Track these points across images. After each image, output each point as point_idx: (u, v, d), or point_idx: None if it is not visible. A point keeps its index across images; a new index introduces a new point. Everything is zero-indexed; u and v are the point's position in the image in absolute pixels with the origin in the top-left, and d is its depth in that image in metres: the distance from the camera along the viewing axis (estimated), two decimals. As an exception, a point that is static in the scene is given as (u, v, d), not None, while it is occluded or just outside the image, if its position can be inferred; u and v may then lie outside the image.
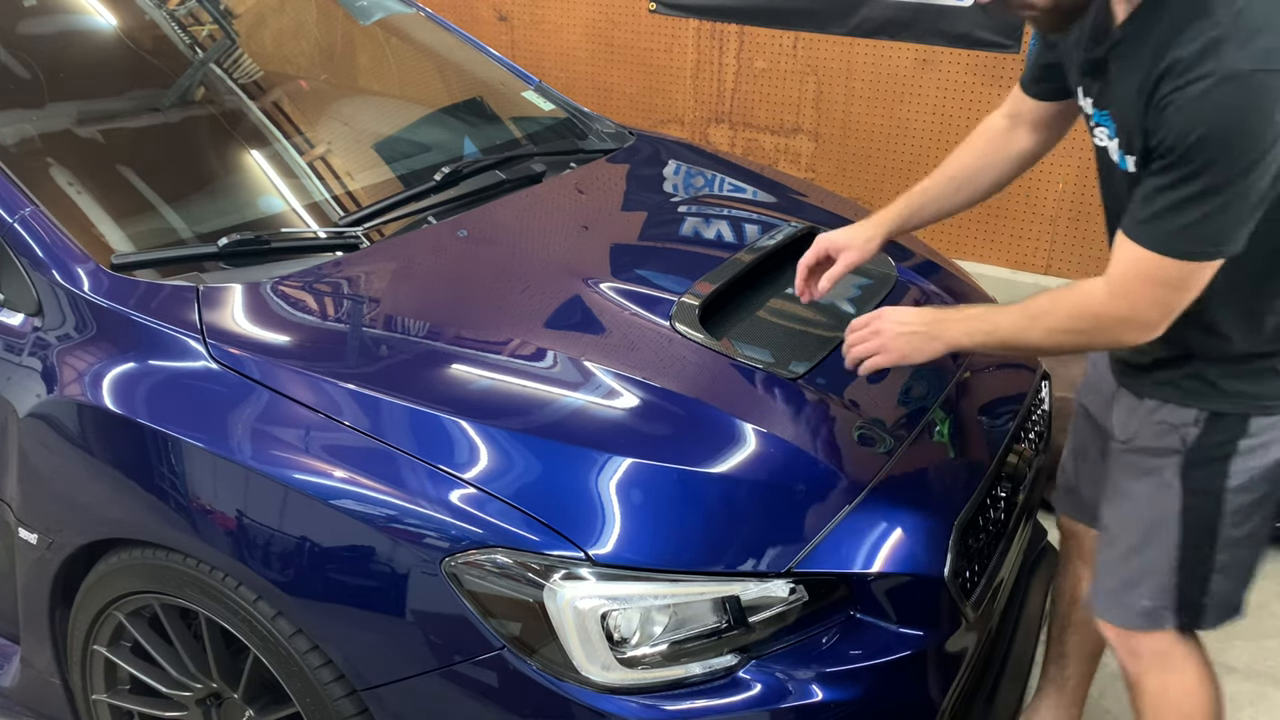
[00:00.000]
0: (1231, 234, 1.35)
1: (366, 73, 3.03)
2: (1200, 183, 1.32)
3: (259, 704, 1.69)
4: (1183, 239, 1.36)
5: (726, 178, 2.60)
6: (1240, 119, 1.28)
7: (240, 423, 1.56)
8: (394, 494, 1.46)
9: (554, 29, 4.59)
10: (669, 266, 2.11)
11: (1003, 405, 2.03)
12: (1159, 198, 1.37)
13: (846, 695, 1.50)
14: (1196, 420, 1.55)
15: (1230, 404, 1.53)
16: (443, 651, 1.45)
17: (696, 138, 4.40)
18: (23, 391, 1.72)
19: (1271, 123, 1.27)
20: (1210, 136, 1.29)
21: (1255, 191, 1.32)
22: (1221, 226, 1.34)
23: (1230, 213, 1.33)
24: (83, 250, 1.77)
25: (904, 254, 2.35)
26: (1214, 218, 1.34)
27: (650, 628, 1.46)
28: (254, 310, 1.74)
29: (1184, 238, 1.36)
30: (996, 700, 1.88)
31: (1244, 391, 1.52)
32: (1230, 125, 1.28)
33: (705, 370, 1.76)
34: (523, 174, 2.34)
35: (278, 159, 2.28)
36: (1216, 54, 1.29)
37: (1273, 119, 1.27)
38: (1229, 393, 1.53)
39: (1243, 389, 1.52)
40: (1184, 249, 1.37)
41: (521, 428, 1.56)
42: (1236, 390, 1.53)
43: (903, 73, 3.89)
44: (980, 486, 1.78)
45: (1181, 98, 1.32)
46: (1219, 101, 1.28)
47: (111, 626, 1.76)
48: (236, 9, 2.80)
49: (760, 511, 1.55)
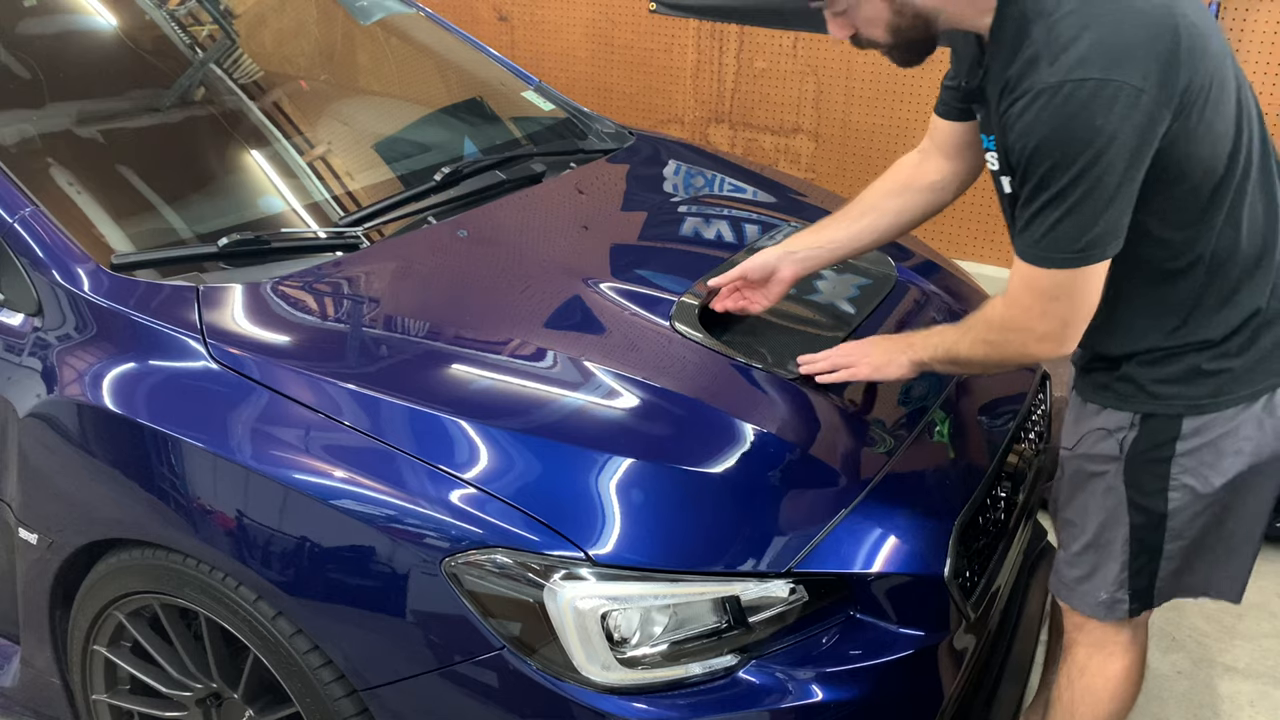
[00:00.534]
0: (1091, 237, 1.38)
1: (366, 73, 3.03)
2: (1046, 193, 1.37)
3: (259, 704, 1.69)
4: (1045, 248, 1.41)
5: (726, 178, 2.60)
6: (1060, 128, 1.33)
7: (240, 423, 1.56)
8: (394, 494, 1.46)
9: (554, 29, 4.59)
10: (669, 266, 2.11)
11: (1003, 405, 2.03)
12: (1022, 212, 1.43)
13: (846, 695, 1.50)
14: (1132, 423, 1.58)
15: (1161, 405, 1.55)
16: (443, 651, 1.45)
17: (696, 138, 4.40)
18: (23, 391, 1.72)
19: (1093, 127, 1.32)
20: (1040, 148, 1.35)
21: (1102, 194, 1.35)
22: (1076, 232, 1.38)
23: (1081, 217, 1.37)
24: (83, 250, 1.77)
25: (904, 254, 2.35)
26: (1066, 224, 1.38)
27: (650, 628, 1.46)
28: (254, 310, 1.74)
29: (1046, 246, 1.41)
30: (996, 700, 1.88)
31: (1173, 393, 1.54)
32: (1052, 135, 1.34)
33: (705, 370, 1.76)
34: (523, 174, 2.34)
35: (278, 159, 2.28)
36: (1034, 71, 1.36)
37: (1093, 123, 1.32)
38: (1158, 395, 1.55)
39: (1171, 390, 1.54)
40: (1049, 257, 1.41)
41: (521, 428, 1.56)
42: (1165, 392, 1.54)
43: (903, 73, 3.89)
44: (980, 486, 1.78)
45: (1011, 115, 1.39)
46: (1038, 115, 1.35)
47: (111, 626, 1.76)
48: (236, 9, 2.80)
49: (760, 511, 1.55)
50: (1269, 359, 1.53)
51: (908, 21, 1.50)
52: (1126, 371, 1.57)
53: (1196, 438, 1.54)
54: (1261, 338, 1.52)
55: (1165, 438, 1.56)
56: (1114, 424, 1.60)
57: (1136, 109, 1.32)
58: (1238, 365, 1.52)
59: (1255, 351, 1.52)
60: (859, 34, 1.56)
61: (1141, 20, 1.34)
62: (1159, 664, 2.54)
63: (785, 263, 1.88)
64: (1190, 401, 1.53)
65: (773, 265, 1.88)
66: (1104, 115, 1.32)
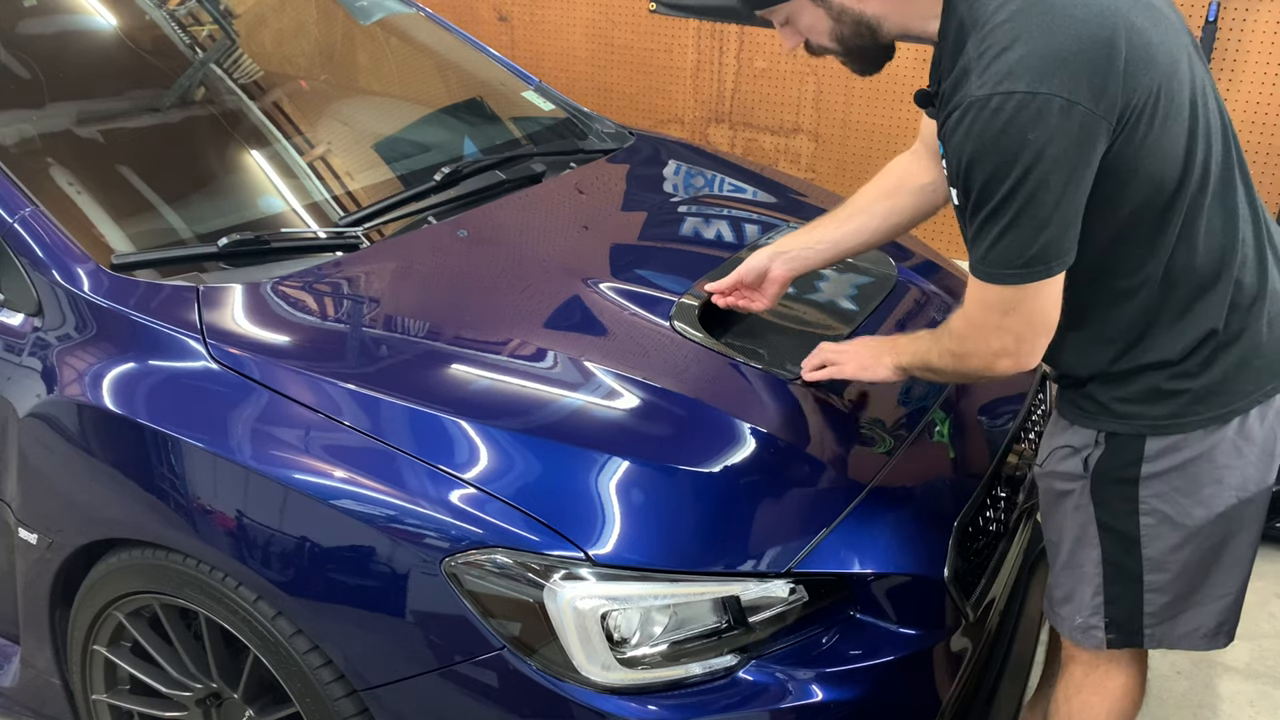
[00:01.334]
0: (1037, 252, 1.34)
1: (366, 73, 3.03)
2: (985, 208, 1.34)
3: (259, 704, 1.69)
4: (990, 264, 1.37)
5: (726, 178, 2.60)
6: (991, 142, 1.29)
7: (240, 423, 1.56)
8: (394, 494, 1.46)
9: (554, 29, 4.59)
10: (669, 266, 2.11)
11: (1003, 405, 2.03)
12: (968, 227, 1.40)
13: (846, 695, 1.50)
14: (1096, 441, 1.54)
15: (1123, 424, 1.51)
16: (443, 651, 1.45)
17: (696, 138, 4.40)
18: (23, 391, 1.72)
19: (1024, 140, 1.28)
20: (973, 162, 1.32)
21: (1040, 210, 1.31)
22: (1019, 248, 1.34)
23: (1021, 232, 1.32)
24: (83, 250, 1.77)
25: (904, 254, 2.35)
26: (1008, 239, 1.33)
27: (650, 628, 1.46)
28: (254, 310, 1.74)
29: (991, 262, 1.37)
30: (996, 700, 1.88)
31: (1134, 411, 1.50)
32: (983, 149, 1.30)
33: (705, 370, 1.76)
34: (523, 174, 2.34)
35: (278, 159, 2.28)
36: (965, 83, 1.32)
37: (1024, 136, 1.27)
38: (1120, 413, 1.51)
39: (1132, 409, 1.50)
40: (995, 274, 1.37)
41: (521, 428, 1.56)
42: (1126, 410, 1.50)
43: (903, 73, 3.89)
44: (980, 487, 1.78)
45: (946, 128, 1.36)
46: (969, 128, 1.31)
47: (111, 626, 1.76)
48: (236, 9, 2.80)
49: (760, 511, 1.55)
50: (1233, 380, 1.47)
51: (849, 29, 1.48)
52: (1090, 389, 1.54)
53: (1163, 460, 1.49)
54: (1220, 359, 1.46)
55: (1130, 457, 1.51)
56: (1079, 441, 1.56)
57: (1069, 121, 1.28)
58: (1197, 386, 1.46)
59: (1215, 372, 1.46)
60: (809, 42, 1.54)
61: (1076, 30, 1.29)
62: (1159, 664, 2.54)
63: (777, 263, 1.87)
64: (1151, 421, 1.49)
65: (764, 266, 1.87)
66: (1034, 129, 1.27)
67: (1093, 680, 1.70)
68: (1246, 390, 1.47)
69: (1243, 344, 1.46)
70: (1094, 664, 1.69)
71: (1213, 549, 1.54)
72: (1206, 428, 1.47)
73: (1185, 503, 1.51)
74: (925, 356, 1.60)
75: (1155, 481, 1.51)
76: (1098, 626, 1.62)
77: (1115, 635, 1.61)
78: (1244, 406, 1.47)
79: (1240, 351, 1.46)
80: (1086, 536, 1.58)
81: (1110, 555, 1.57)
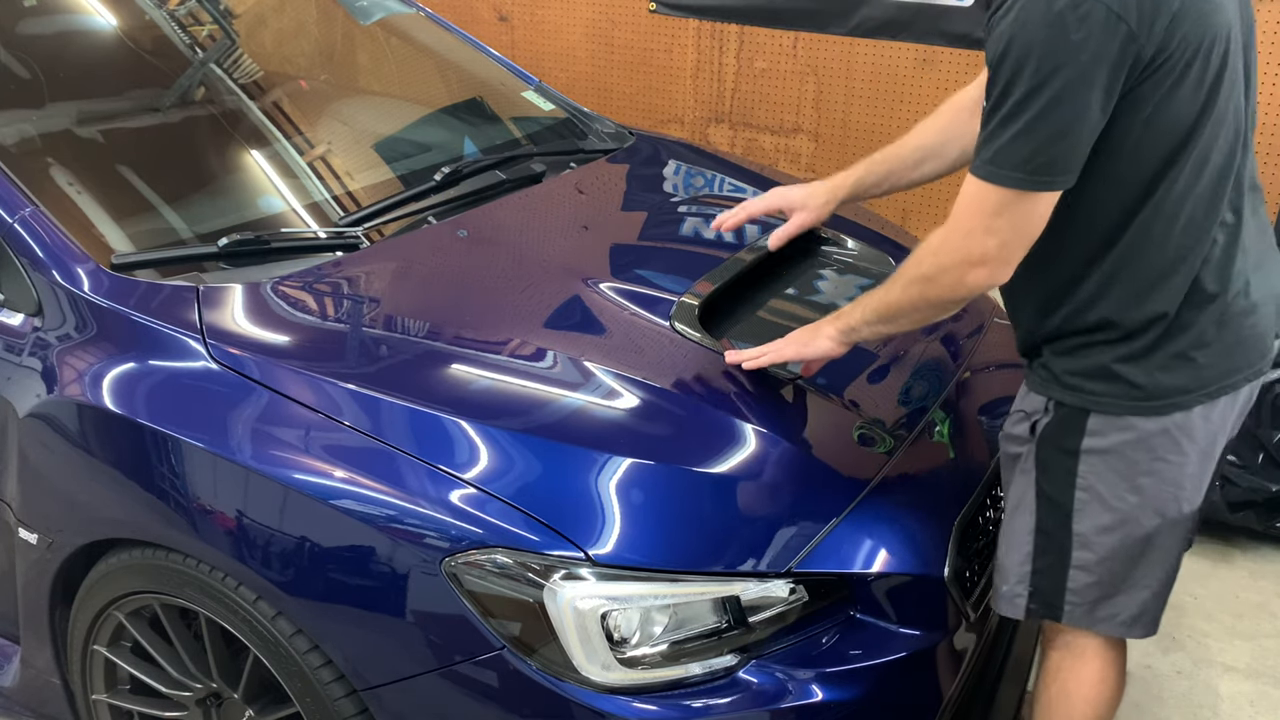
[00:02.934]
0: (1043, 161, 1.37)
1: (366, 73, 3.03)
2: (1007, 103, 1.36)
3: (259, 704, 1.69)
4: (997, 163, 1.39)
5: (726, 178, 2.60)
6: (1033, 34, 1.32)
7: (240, 423, 1.56)
8: (394, 494, 1.46)
9: (554, 29, 4.59)
10: (669, 266, 2.11)
11: (1003, 405, 2.02)
12: (984, 129, 1.42)
13: (846, 695, 1.50)
14: (1045, 408, 1.58)
15: (1070, 396, 1.55)
16: (443, 651, 1.45)
17: (696, 138, 4.40)
18: (23, 391, 1.72)
19: (1065, 40, 1.31)
20: (1009, 54, 1.35)
21: (1059, 115, 1.34)
22: (1031, 150, 1.36)
23: (1036, 136, 1.36)
24: (83, 250, 1.77)
25: (904, 254, 2.34)
26: (1021, 140, 1.36)
27: (650, 628, 1.46)
28: (254, 310, 1.74)
29: (998, 161, 1.39)
30: (996, 700, 1.88)
31: (1081, 386, 1.53)
32: (1024, 39, 1.33)
33: (705, 370, 1.76)
34: (523, 174, 2.34)
35: (278, 159, 2.28)
36: None
37: (1066, 37, 1.30)
38: (1068, 385, 1.55)
39: (1079, 383, 1.53)
40: (1000, 174, 1.39)
41: (521, 428, 1.56)
42: (1074, 383, 1.54)
43: (903, 73, 3.89)
44: (980, 486, 1.78)
45: (994, 22, 1.40)
46: (1016, 17, 1.34)
47: (111, 626, 1.76)
48: (236, 9, 2.80)
49: (760, 511, 1.55)
50: (1176, 371, 1.50)
51: None
52: (1045, 359, 1.58)
53: (1103, 438, 1.53)
54: (1164, 345, 1.49)
55: (1072, 428, 1.55)
56: (1031, 407, 1.62)
57: (1110, 36, 1.30)
58: (1140, 370, 1.49)
59: (1158, 358, 1.49)
60: None
61: None
62: (1159, 664, 2.54)
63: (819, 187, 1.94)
64: (1096, 398, 1.52)
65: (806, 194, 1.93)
66: (1078, 30, 1.30)
67: (1068, 665, 1.72)
68: (1188, 386, 1.50)
69: (1189, 337, 1.49)
70: (1069, 650, 1.71)
71: (1141, 539, 1.57)
72: (1146, 415, 1.50)
73: (1119, 485, 1.54)
74: (883, 303, 1.61)
75: (1093, 458, 1.54)
76: (1021, 595, 1.65)
77: (1036, 606, 1.64)
78: (1186, 402, 1.50)
79: (1185, 344, 1.49)
80: (1025, 502, 1.62)
81: (1043, 524, 1.60)
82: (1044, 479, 1.59)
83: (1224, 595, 2.79)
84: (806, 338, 1.71)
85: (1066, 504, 1.57)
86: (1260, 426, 2.78)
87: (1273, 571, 2.88)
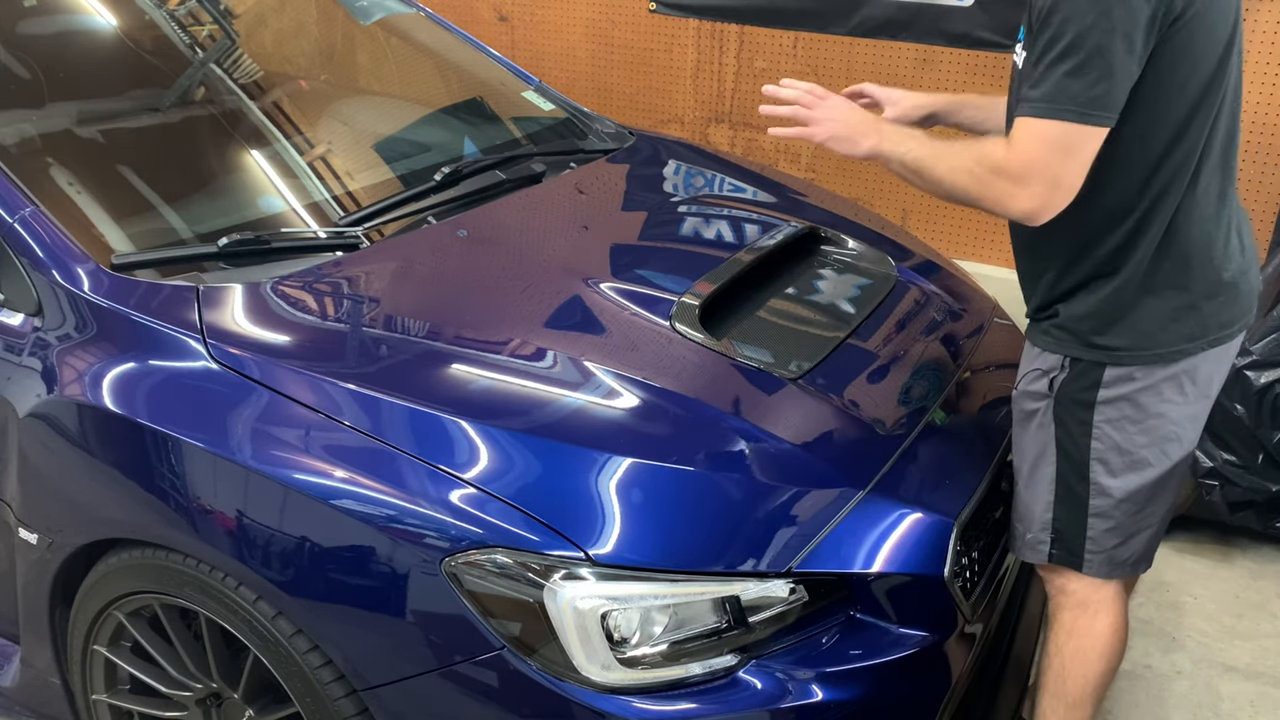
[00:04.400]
0: (1095, 94, 1.48)
1: (366, 73, 3.04)
2: (1061, 43, 1.48)
3: (259, 704, 1.69)
4: (1054, 98, 1.49)
5: (726, 178, 2.60)
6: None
7: (240, 423, 1.56)
8: (394, 494, 1.46)
9: (554, 29, 4.59)
10: (669, 266, 2.11)
11: (1003, 405, 2.03)
12: (1035, 69, 1.53)
13: (846, 695, 1.50)
14: (1062, 365, 1.69)
15: (1087, 352, 1.66)
16: (443, 651, 1.45)
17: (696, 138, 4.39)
18: (23, 391, 1.72)
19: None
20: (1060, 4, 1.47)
21: (1108, 54, 1.46)
22: (1083, 86, 1.48)
23: (1090, 72, 1.47)
24: (83, 250, 1.77)
25: (904, 254, 2.35)
26: (1075, 78, 1.48)
27: (650, 628, 1.46)
28: (254, 310, 1.74)
29: (1054, 97, 1.49)
30: (996, 700, 1.88)
31: (1098, 343, 1.65)
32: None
33: (705, 370, 1.76)
34: (523, 174, 2.34)
35: (278, 159, 2.28)
36: None
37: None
38: (1085, 341, 1.66)
39: (1097, 340, 1.65)
40: (1058, 109, 1.49)
41: (521, 428, 1.56)
42: (1092, 340, 1.66)
43: (903, 73, 3.89)
44: (981, 486, 1.78)
45: None
46: None
47: (111, 626, 1.76)
48: (236, 9, 2.80)
49: (760, 511, 1.55)
50: (1184, 320, 1.63)
51: None
52: (1061, 319, 1.69)
53: (1117, 387, 1.65)
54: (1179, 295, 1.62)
55: (1089, 382, 1.67)
56: (1047, 365, 1.72)
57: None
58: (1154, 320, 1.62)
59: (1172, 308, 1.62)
60: None
61: None
62: (1159, 664, 2.54)
63: None
64: (1110, 351, 1.65)
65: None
66: None
67: (1082, 624, 1.80)
68: (1194, 334, 1.64)
69: (1199, 287, 1.63)
70: (1083, 607, 1.79)
71: (1150, 483, 1.71)
72: (1157, 364, 1.64)
73: (1131, 430, 1.67)
74: (924, 162, 1.66)
75: (1107, 408, 1.67)
76: (1044, 542, 1.77)
77: (1058, 551, 1.77)
78: (1192, 349, 1.64)
79: (1196, 294, 1.63)
80: (1046, 455, 1.74)
81: (1064, 475, 1.73)
82: (1061, 431, 1.71)
83: (1224, 595, 2.79)
84: (841, 133, 1.75)
85: (1084, 454, 1.69)
86: (1260, 426, 2.78)
87: (1273, 571, 2.88)
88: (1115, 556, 1.75)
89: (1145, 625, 2.64)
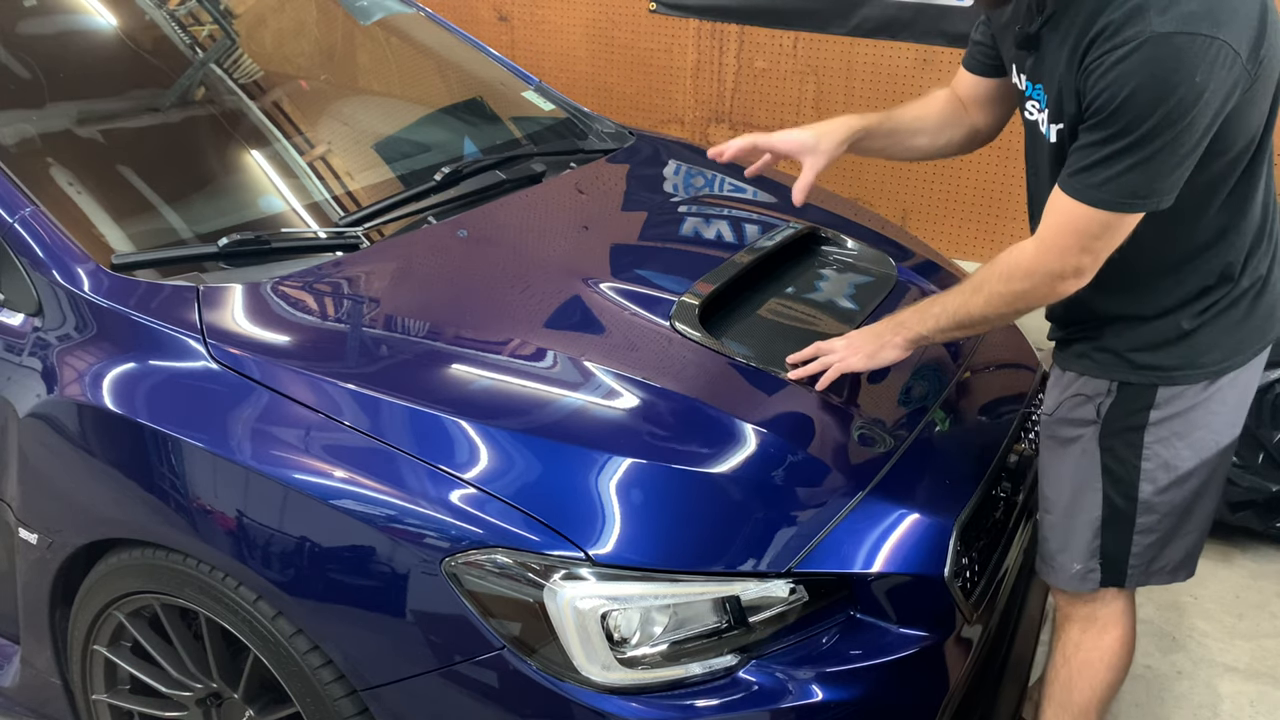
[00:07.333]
0: (1156, 187, 1.45)
1: (366, 73, 3.03)
2: (1127, 139, 1.42)
3: (259, 704, 1.69)
4: (1110, 191, 1.46)
5: (726, 178, 2.60)
6: (1163, 77, 1.37)
7: (240, 423, 1.56)
8: (394, 494, 1.46)
9: (554, 29, 4.59)
10: (669, 266, 2.11)
11: (1003, 405, 2.03)
12: (1090, 154, 1.47)
13: (846, 695, 1.50)
14: (1109, 390, 1.66)
15: (1137, 375, 1.64)
16: (443, 651, 1.45)
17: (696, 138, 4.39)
18: (23, 391, 1.72)
19: (1192, 82, 1.37)
20: (1136, 94, 1.39)
21: (1181, 147, 1.42)
22: (1147, 180, 1.44)
23: (1155, 166, 1.43)
24: (83, 250, 1.77)
25: (904, 254, 2.35)
26: (1139, 170, 1.43)
27: (650, 628, 1.46)
28: (254, 310, 1.74)
29: (1111, 190, 1.46)
30: (996, 701, 1.88)
31: (1149, 363, 1.63)
32: (1153, 83, 1.38)
33: (705, 370, 1.76)
34: (523, 174, 2.34)
35: (278, 159, 2.28)
36: (1142, 18, 1.39)
37: (1193, 78, 1.37)
38: (1136, 364, 1.63)
39: (1147, 360, 1.63)
40: (1111, 201, 1.46)
41: (521, 428, 1.56)
42: (1142, 362, 1.63)
43: (903, 73, 3.89)
44: (981, 486, 1.78)
45: (1110, 59, 1.42)
46: (1143, 61, 1.38)
47: (111, 626, 1.76)
48: (236, 9, 2.80)
49: (760, 511, 1.55)
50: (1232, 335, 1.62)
51: None
52: (1108, 343, 1.65)
53: (1169, 407, 1.63)
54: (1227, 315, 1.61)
55: (1140, 404, 1.64)
56: (1092, 390, 1.67)
57: (1230, 72, 1.38)
58: (1207, 340, 1.61)
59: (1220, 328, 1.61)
60: None
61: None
62: (1159, 664, 2.54)
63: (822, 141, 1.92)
64: (1164, 373, 1.62)
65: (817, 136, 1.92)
66: (1204, 73, 1.36)
67: (1090, 637, 1.79)
68: (1239, 349, 1.64)
69: (1242, 306, 1.63)
70: (1091, 620, 1.79)
71: (1194, 490, 1.69)
72: (1205, 380, 1.62)
73: (1179, 445, 1.65)
74: (960, 312, 1.66)
75: (1159, 428, 1.64)
76: (1094, 570, 1.74)
77: (1105, 575, 1.74)
78: (1237, 362, 1.64)
79: (1240, 313, 1.63)
80: (1089, 482, 1.70)
81: (1110, 500, 1.69)
82: (1110, 458, 1.67)
83: (1224, 595, 2.79)
84: (872, 348, 1.75)
85: (1133, 475, 1.66)
86: (1260, 426, 2.78)
87: (1273, 571, 2.88)
88: (1153, 566, 1.73)
89: (1145, 625, 2.64)
